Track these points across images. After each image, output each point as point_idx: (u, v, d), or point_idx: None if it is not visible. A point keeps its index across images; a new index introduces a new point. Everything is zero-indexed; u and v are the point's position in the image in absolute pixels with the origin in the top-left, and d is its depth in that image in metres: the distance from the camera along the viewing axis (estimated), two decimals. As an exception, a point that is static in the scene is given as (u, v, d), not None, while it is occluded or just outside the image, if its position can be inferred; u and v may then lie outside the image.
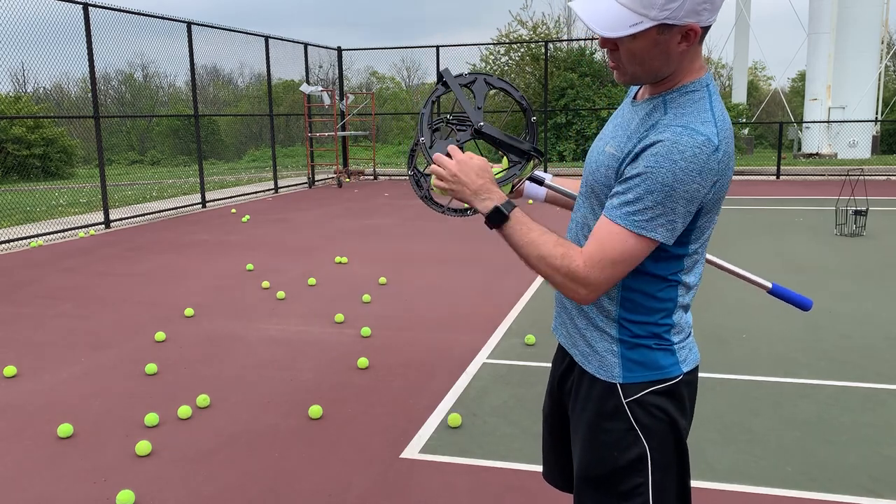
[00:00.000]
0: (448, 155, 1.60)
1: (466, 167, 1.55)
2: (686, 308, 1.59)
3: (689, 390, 1.59)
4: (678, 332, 1.57)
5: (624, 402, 1.55)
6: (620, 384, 1.55)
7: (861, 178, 11.04)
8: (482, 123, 1.66)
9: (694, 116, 1.41)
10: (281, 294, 6.02)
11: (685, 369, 1.57)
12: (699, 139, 1.37)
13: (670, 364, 1.55)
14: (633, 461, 1.54)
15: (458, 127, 1.73)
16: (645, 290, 1.53)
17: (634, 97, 1.58)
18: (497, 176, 1.67)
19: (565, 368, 1.74)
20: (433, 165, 1.59)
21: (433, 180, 1.62)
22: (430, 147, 1.68)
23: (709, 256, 1.72)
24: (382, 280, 6.57)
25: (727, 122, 1.44)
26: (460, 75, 1.73)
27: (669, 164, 1.36)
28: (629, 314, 1.54)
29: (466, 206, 1.83)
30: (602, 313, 1.57)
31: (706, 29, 1.42)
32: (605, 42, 1.44)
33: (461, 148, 1.64)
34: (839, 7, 22.11)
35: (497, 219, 1.51)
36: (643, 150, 1.40)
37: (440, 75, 1.70)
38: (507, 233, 1.51)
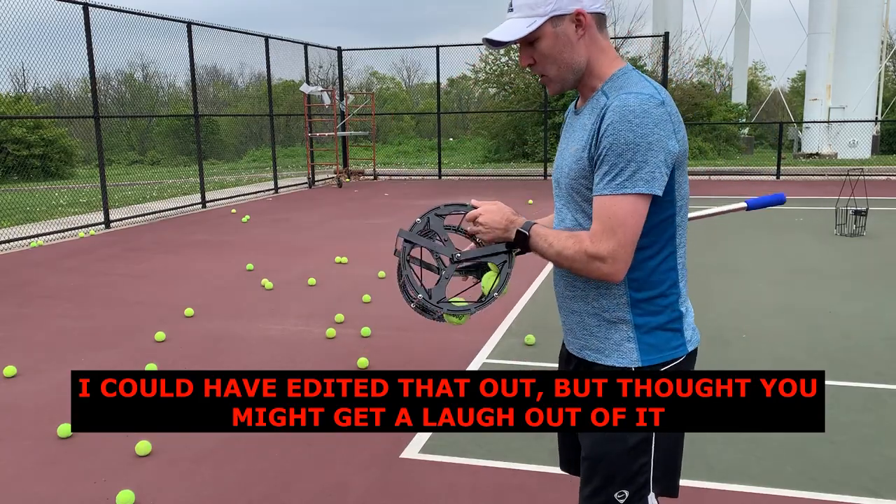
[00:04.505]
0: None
1: (490, 214, 1.72)
2: (684, 281, 1.70)
3: (689, 369, 1.72)
4: (684, 301, 1.70)
5: None
6: (637, 368, 1.65)
7: (861, 178, 11.04)
8: (456, 254, 1.80)
9: (632, 86, 1.57)
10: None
11: (689, 349, 1.71)
12: (643, 97, 1.53)
13: (679, 344, 1.68)
14: (639, 441, 1.63)
15: (440, 267, 1.85)
16: (647, 265, 1.63)
17: (576, 109, 1.71)
18: (492, 284, 1.75)
19: (575, 367, 1.80)
20: (471, 225, 1.74)
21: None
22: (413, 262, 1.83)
23: (690, 214, 1.83)
24: (381, 274, 6.58)
25: (664, 89, 1.60)
26: (413, 225, 1.87)
27: (626, 124, 1.51)
28: (639, 293, 1.64)
29: (464, 306, 1.80)
30: (613, 303, 1.66)
31: (599, 15, 1.61)
32: (524, 58, 1.65)
33: (446, 279, 1.80)
34: (839, 7, 22.12)
35: (521, 239, 1.67)
36: (602, 129, 1.55)
37: (399, 249, 1.84)
38: (532, 246, 1.67)
